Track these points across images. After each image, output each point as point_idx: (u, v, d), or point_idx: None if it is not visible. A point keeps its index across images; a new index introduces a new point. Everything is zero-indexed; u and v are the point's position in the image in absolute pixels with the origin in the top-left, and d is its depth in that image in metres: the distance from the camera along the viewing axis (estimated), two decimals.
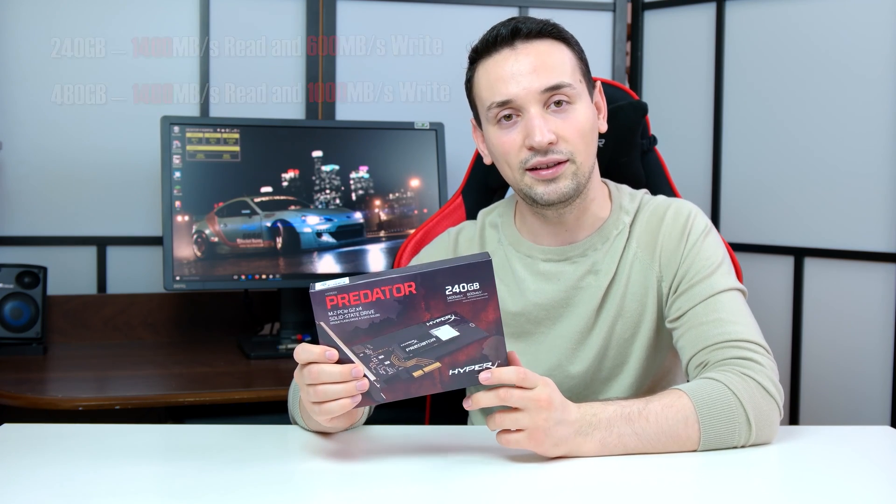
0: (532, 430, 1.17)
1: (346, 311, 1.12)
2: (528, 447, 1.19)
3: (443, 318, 1.14)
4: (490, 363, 1.16)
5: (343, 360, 1.15)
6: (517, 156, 1.37)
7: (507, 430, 1.19)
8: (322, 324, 1.13)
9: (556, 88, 1.35)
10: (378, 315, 1.13)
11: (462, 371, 1.16)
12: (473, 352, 1.15)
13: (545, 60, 1.36)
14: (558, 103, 1.36)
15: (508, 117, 1.37)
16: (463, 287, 1.12)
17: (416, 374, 1.16)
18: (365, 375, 1.15)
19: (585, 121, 1.38)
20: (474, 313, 1.14)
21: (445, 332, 1.14)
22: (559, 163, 1.36)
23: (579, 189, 1.39)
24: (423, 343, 1.14)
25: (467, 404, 1.19)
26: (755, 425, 1.25)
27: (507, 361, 1.18)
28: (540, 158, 1.36)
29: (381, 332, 1.13)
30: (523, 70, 1.35)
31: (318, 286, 1.12)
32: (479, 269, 1.12)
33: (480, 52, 1.40)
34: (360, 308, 1.12)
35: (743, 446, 1.26)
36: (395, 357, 1.15)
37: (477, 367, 1.16)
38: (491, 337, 1.15)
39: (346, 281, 1.12)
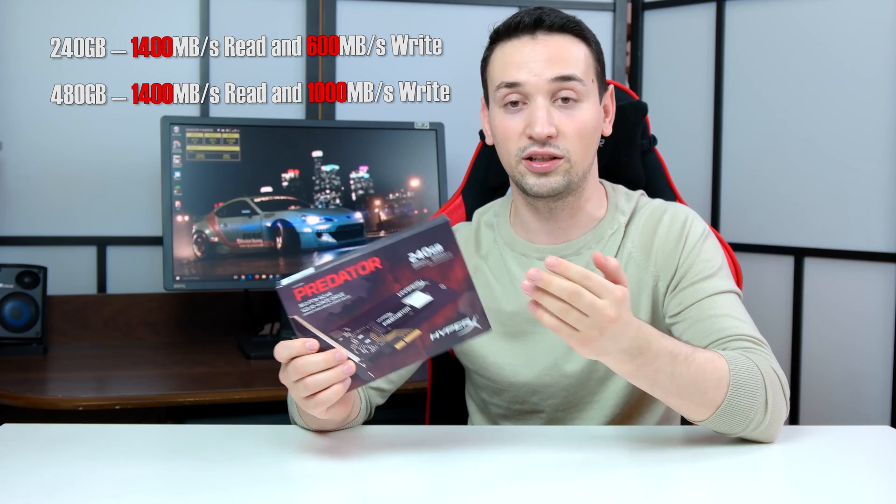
0: (584, 334, 1.13)
1: (316, 299, 1.13)
2: (567, 340, 1.14)
3: (413, 286, 1.14)
4: (468, 319, 1.16)
5: (324, 348, 1.15)
6: (516, 142, 1.38)
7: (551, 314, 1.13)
8: (296, 317, 1.14)
9: (565, 80, 1.36)
10: (349, 297, 1.13)
11: (443, 333, 1.16)
12: (450, 312, 1.15)
13: (561, 54, 1.37)
14: (565, 99, 1.37)
15: (515, 104, 1.38)
16: (426, 252, 1.12)
17: (399, 345, 1.16)
18: (349, 359, 1.16)
19: (589, 121, 1.38)
20: (443, 275, 1.13)
21: (418, 299, 1.14)
22: (554, 157, 1.37)
23: (571, 187, 1.40)
24: (399, 314, 1.15)
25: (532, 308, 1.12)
26: (770, 413, 1.25)
27: (484, 314, 1.16)
28: (537, 149, 1.37)
29: (356, 312, 1.14)
30: (538, 59, 1.36)
31: (284, 281, 1.12)
32: (439, 232, 1.12)
33: (501, 35, 1.41)
34: (330, 293, 1.12)
35: (747, 438, 1.26)
36: (375, 334, 1.15)
37: (457, 327, 1.16)
38: (463, 294, 1.15)
39: (311, 270, 1.12)
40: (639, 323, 1.18)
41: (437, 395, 1.74)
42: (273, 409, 1.73)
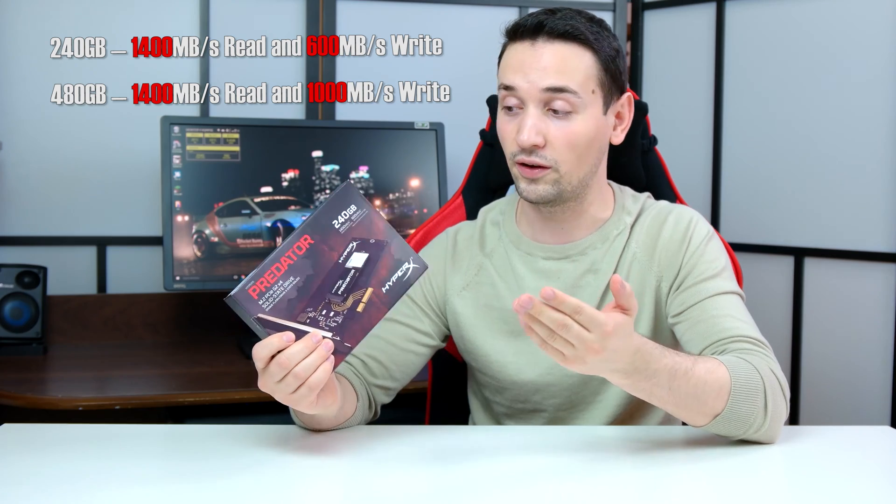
0: (568, 359, 1.13)
1: (271, 291, 1.17)
2: (553, 358, 1.14)
3: (348, 249, 1.22)
4: (406, 263, 1.24)
5: (297, 337, 1.18)
6: (510, 146, 1.39)
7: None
8: (260, 315, 1.17)
9: (557, 91, 1.34)
10: (298, 278, 1.19)
11: (391, 283, 1.24)
12: (389, 262, 1.24)
13: (558, 63, 1.34)
14: (557, 111, 1.35)
15: (510, 109, 1.38)
16: (345, 215, 1.22)
17: (360, 308, 1.21)
18: (324, 337, 1.18)
19: (583, 133, 1.36)
20: (367, 230, 1.23)
21: (358, 259, 1.22)
22: (541, 167, 1.36)
23: (562, 195, 1.39)
24: (348, 279, 1.21)
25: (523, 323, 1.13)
26: (770, 417, 1.25)
27: (416, 254, 1.25)
28: (524, 157, 1.36)
29: (310, 290, 1.19)
30: (534, 66, 1.34)
31: (235, 290, 1.16)
32: (347, 194, 1.23)
33: (508, 35, 1.40)
34: (281, 281, 1.18)
35: (747, 439, 1.27)
36: (335, 304, 1.20)
37: (400, 273, 1.24)
38: (392, 242, 1.24)
39: (254, 271, 1.18)
40: (638, 344, 1.17)
41: (437, 395, 1.74)
42: (273, 409, 1.72)
